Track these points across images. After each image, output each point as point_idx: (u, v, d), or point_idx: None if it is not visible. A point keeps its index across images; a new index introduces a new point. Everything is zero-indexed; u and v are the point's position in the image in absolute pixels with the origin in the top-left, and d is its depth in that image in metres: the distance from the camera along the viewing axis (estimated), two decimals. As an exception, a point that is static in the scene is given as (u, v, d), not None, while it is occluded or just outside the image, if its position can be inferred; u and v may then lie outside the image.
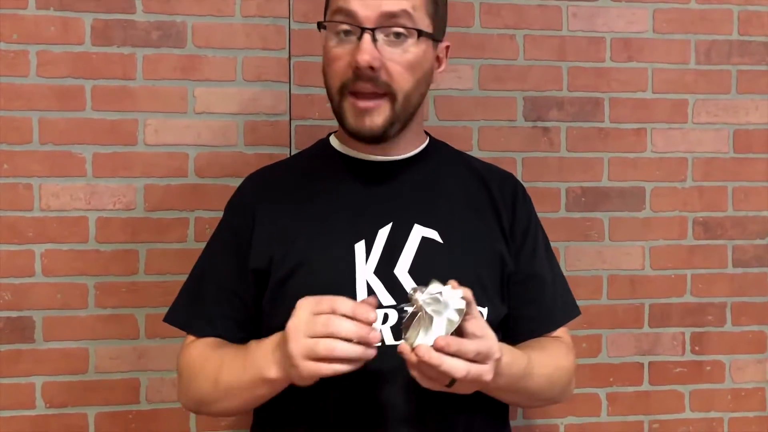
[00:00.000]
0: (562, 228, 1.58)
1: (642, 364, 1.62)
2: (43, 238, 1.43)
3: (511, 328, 1.08)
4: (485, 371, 0.83)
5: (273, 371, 0.89)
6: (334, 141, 1.09)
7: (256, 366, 0.91)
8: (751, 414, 1.65)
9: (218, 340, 1.04)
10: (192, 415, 1.47)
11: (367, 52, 0.91)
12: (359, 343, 0.82)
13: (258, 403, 0.98)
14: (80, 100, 1.43)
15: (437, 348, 0.80)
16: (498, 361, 0.86)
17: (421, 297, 0.81)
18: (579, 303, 1.57)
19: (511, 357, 0.92)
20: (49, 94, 1.42)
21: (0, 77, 1.41)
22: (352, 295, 0.95)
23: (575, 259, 1.59)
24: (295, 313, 0.85)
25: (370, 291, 0.96)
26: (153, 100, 1.46)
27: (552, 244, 1.18)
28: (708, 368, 1.64)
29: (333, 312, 0.82)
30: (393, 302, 0.96)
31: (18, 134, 1.42)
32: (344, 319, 0.82)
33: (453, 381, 0.83)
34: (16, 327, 1.42)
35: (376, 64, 0.92)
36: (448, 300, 0.81)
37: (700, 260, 1.63)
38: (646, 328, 1.62)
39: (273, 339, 0.91)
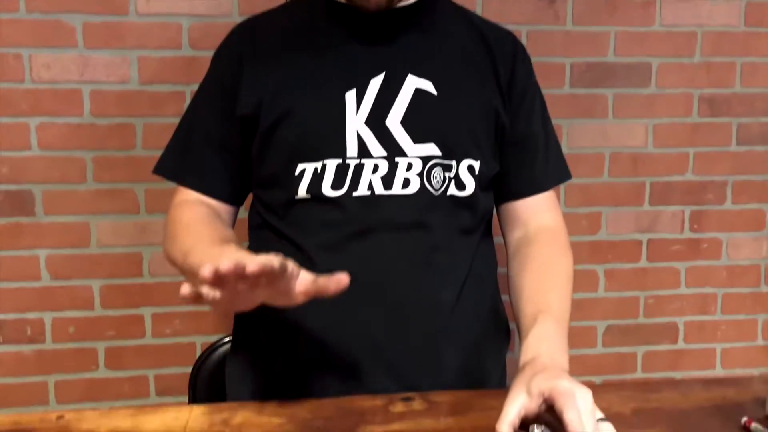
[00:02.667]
0: (565, 104, 1.55)
1: (641, 242, 1.63)
2: (37, 111, 1.40)
3: (502, 188, 1.08)
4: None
5: None
6: None
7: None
8: (745, 290, 1.67)
9: (208, 212, 1.01)
10: (195, 289, 1.49)
11: None
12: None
13: None
14: (66, -34, 1.37)
15: None
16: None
17: None
18: (580, 181, 1.58)
19: (552, 353, 0.87)
20: (33, -41, 1.36)
21: (-20, -61, 1.34)
22: (342, 144, 0.94)
23: (578, 137, 1.57)
24: None
25: (360, 141, 0.94)
26: (143, -34, 1.40)
27: (555, 121, 1.14)
28: (705, 246, 1.65)
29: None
30: (384, 153, 0.95)
31: (2, 2, 1.36)
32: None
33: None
34: (16, 200, 1.41)
35: None
36: None
37: (703, 138, 1.61)
38: (646, 206, 1.62)
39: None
